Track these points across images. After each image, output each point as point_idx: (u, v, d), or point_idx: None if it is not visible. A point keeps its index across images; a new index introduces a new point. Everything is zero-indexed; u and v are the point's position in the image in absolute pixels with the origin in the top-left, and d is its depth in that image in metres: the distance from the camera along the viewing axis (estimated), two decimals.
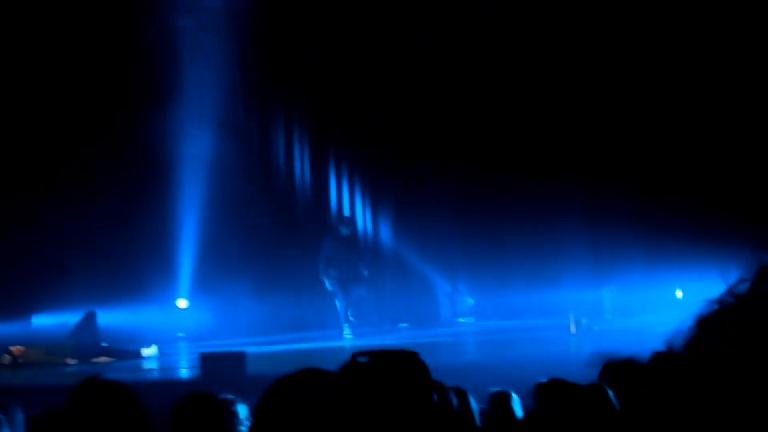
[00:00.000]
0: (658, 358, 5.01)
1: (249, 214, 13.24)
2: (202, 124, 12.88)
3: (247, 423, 3.24)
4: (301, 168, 13.83)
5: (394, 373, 2.42)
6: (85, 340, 10.15)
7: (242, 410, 3.26)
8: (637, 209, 12.51)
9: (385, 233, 14.19)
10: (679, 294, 12.37)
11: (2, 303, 11.63)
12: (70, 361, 9.97)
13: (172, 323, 12.95)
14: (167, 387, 8.05)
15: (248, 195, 13.27)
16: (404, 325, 13.16)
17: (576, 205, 12.82)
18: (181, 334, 12.98)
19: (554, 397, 4.16)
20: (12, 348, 9.97)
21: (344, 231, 12.44)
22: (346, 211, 13.80)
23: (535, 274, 13.01)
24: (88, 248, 12.26)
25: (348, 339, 11.79)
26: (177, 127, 12.69)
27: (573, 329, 10.70)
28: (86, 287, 11.67)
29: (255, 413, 2.01)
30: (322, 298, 12.62)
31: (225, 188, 12.95)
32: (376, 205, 14.25)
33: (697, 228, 11.58)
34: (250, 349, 9.09)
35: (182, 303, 13.03)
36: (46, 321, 11.58)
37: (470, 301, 14.03)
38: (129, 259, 12.50)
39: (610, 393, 4.36)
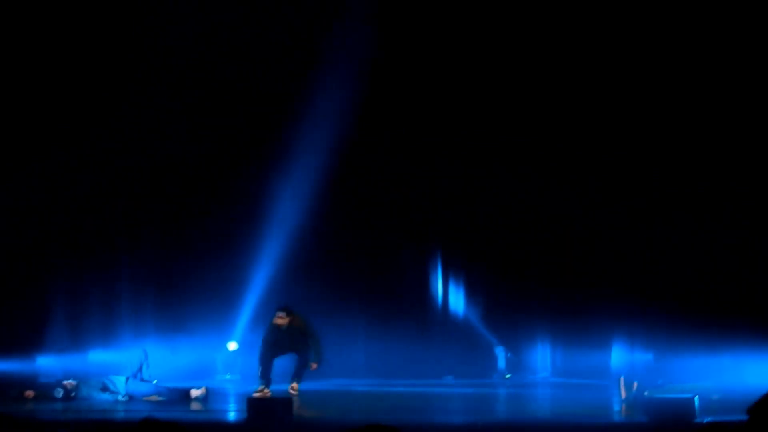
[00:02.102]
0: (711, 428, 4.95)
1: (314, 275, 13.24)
2: (293, 179, 13.05)
3: None
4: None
5: None
6: (137, 378, 10.28)
7: None
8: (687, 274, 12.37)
9: (434, 286, 14.14)
10: (725, 361, 12.18)
11: (59, 338, 11.86)
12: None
13: (222, 365, 13.11)
14: (215, 429, 8.14)
15: (318, 257, 13.30)
16: (450, 378, 13.15)
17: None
18: (228, 376, 13.09)
19: None
20: (65, 382, 10.14)
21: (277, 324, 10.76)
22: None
23: (585, 335, 12.87)
24: (145, 287, 12.49)
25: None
26: (267, 181, 12.96)
27: (623, 393, 10.54)
28: (140, 325, 11.87)
29: None
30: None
31: (295, 247, 13.06)
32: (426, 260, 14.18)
33: (747, 297, 11.47)
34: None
35: (233, 345, 13.16)
36: (101, 357, 11.76)
37: (517, 358, 13.94)
38: (186, 299, 12.71)
39: None
